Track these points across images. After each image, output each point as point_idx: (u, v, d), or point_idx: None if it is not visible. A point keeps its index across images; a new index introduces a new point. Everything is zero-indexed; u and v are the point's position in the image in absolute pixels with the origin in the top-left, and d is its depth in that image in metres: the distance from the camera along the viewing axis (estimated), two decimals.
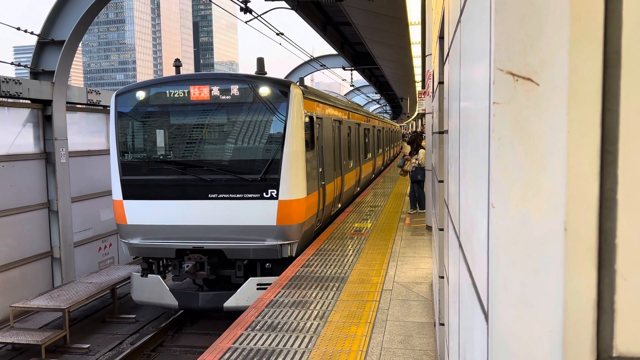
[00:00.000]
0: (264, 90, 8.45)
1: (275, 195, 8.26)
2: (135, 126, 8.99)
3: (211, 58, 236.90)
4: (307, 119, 9.13)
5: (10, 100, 10.09)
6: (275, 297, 6.48)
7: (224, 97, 8.50)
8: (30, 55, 11.24)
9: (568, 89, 0.73)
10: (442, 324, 3.81)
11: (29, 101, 10.58)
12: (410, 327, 5.40)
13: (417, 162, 12.33)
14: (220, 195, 8.41)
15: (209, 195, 8.44)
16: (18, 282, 10.04)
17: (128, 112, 8.92)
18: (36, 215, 10.64)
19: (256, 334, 5.31)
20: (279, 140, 8.34)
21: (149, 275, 8.91)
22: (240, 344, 5.08)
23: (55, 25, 10.99)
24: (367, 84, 42.15)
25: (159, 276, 8.84)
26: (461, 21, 1.67)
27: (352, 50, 26.31)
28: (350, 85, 37.90)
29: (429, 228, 10.14)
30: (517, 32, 0.82)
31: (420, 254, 8.57)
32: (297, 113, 8.50)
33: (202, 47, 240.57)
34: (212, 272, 8.57)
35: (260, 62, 9.53)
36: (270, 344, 5.05)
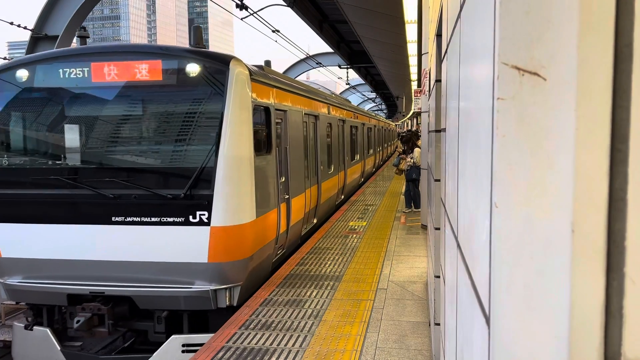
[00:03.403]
0: (192, 68, 6.03)
1: (206, 220, 5.87)
2: (12, 118, 6.48)
3: None
4: (259, 111, 6.91)
5: None
6: (269, 295, 6.45)
7: (137, 78, 6.13)
8: (24, 50, 11.15)
9: (577, 84, 0.70)
10: (438, 324, 3.79)
11: None
12: (405, 327, 5.38)
13: (412, 160, 12.33)
14: (129, 219, 6.03)
15: (113, 219, 6.04)
16: None
17: (4, 99, 6.44)
18: None
19: (250, 333, 5.27)
20: (212, 141, 5.95)
21: (34, 327, 6.46)
22: (234, 342, 5.05)
23: (48, 21, 10.93)
24: (363, 82, 42.21)
25: (47, 329, 6.41)
26: (461, 17, 1.64)
27: (348, 48, 26.32)
28: (346, 84, 37.93)
29: (424, 227, 10.15)
30: (523, 24, 0.79)
31: (415, 252, 8.56)
32: (240, 101, 6.11)
33: None
34: (118, 325, 6.25)
35: (197, 31, 6.95)
36: (264, 343, 5.02)
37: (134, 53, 6.31)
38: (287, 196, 8.16)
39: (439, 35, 3.62)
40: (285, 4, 14.51)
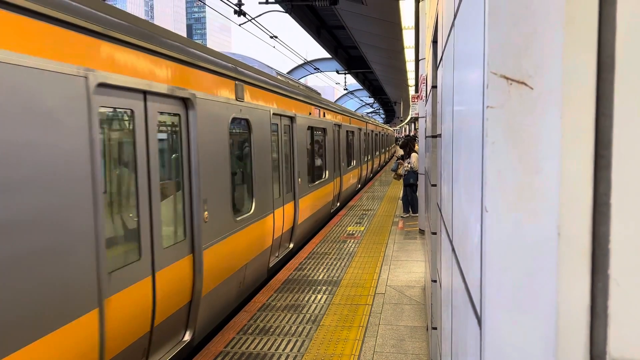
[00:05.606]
0: None
1: None
2: None
3: None
4: None
5: None
6: (267, 300, 6.46)
7: None
8: None
9: (562, 93, 0.73)
10: (435, 328, 3.81)
11: None
12: (402, 331, 5.39)
13: (409, 165, 12.36)
14: None
15: None
16: None
17: None
18: None
19: (248, 338, 5.28)
20: None
21: None
22: (232, 347, 5.06)
23: None
24: (361, 87, 42.28)
25: None
26: (455, 25, 1.67)
27: (345, 54, 26.40)
28: (344, 89, 38.00)
29: (422, 232, 10.16)
30: (511, 35, 0.82)
31: (412, 257, 8.57)
32: None
33: None
34: None
35: None
36: (262, 348, 5.03)
37: None
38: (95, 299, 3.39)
39: (435, 41, 3.66)
40: (283, 11, 14.56)
